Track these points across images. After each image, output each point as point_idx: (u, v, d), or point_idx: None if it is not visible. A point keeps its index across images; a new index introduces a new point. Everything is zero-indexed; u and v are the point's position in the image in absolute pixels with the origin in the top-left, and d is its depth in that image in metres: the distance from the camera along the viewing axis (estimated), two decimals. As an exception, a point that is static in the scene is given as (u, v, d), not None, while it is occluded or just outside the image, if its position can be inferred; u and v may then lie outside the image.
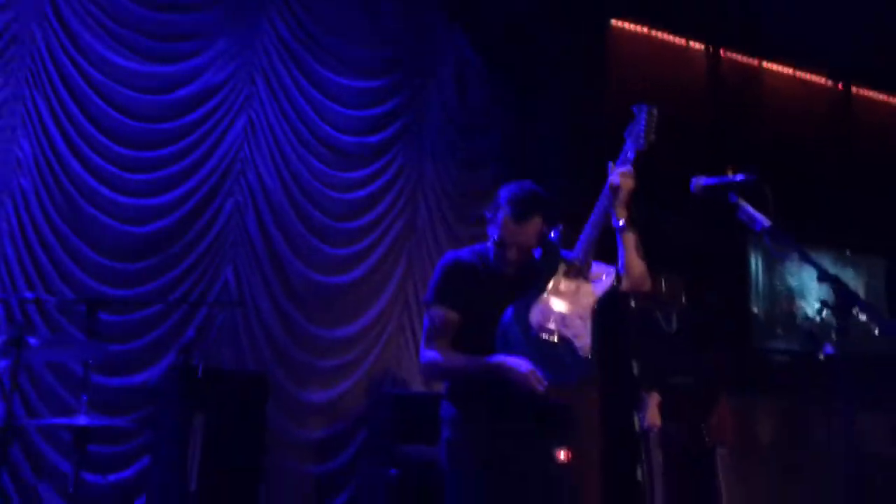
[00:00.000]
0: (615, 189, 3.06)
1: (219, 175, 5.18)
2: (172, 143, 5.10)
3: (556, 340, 2.86)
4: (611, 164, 3.17)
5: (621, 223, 3.05)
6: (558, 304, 2.91)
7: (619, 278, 3.01)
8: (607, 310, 3.02)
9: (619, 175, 3.09)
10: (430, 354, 2.92)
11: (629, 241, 3.05)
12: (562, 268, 2.96)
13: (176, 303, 4.86)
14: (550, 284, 2.94)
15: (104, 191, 4.90)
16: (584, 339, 2.87)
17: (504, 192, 2.95)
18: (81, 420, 3.32)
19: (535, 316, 2.88)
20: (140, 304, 4.81)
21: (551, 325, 2.87)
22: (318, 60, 5.53)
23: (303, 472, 5.11)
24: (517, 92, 6.19)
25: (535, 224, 2.92)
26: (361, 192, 5.60)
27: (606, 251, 3.08)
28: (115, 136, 4.96)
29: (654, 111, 3.26)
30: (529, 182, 3.00)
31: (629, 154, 3.18)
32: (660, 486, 4.55)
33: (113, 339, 4.66)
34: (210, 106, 5.20)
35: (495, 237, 2.92)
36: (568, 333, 2.86)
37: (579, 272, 2.96)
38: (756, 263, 6.24)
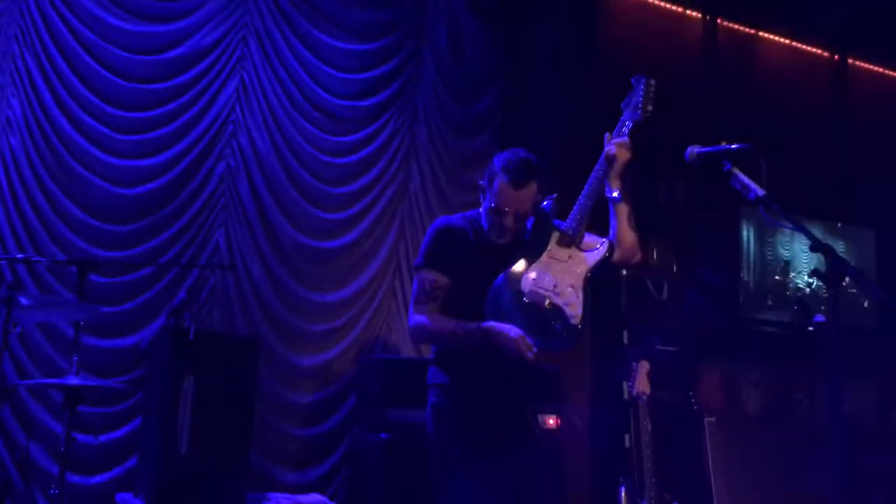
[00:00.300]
0: (611, 159, 3.08)
1: (210, 137, 5.14)
2: (163, 104, 5.05)
3: (547, 307, 2.87)
4: (607, 134, 3.16)
5: (615, 194, 3.07)
6: (550, 272, 2.91)
7: (611, 249, 3.02)
8: (599, 279, 3.03)
9: (616, 145, 3.10)
10: (419, 318, 2.93)
11: (622, 211, 3.07)
12: (555, 236, 2.97)
13: (167, 265, 4.85)
14: (543, 252, 2.95)
15: (95, 151, 4.86)
16: (575, 308, 2.87)
17: (498, 160, 2.95)
18: (72, 380, 3.32)
19: (526, 282, 2.89)
20: (131, 266, 4.79)
21: (543, 292, 2.88)
22: (311, 22, 5.47)
23: (293, 436, 5.14)
24: (512, 58, 6.14)
25: (531, 189, 2.93)
26: (354, 157, 5.56)
27: (598, 222, 3.09)
28: (106, 96, 4.91)
29: (653, 83, 3.28)
30: (522, 149, 2.99)
31: (626, 125, 3.17)
32: (648, 454, 4.59)
33: (104, 301, 4.65)
34: (202, 67, 5.14)
35: (492, 204, 2.91)
36: (559, 301, 2.87)
37: (572, 241, 2.97)
38: (748, 234, 6.25)
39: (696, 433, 5.09)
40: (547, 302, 2.87)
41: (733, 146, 2.82)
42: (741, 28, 7.05)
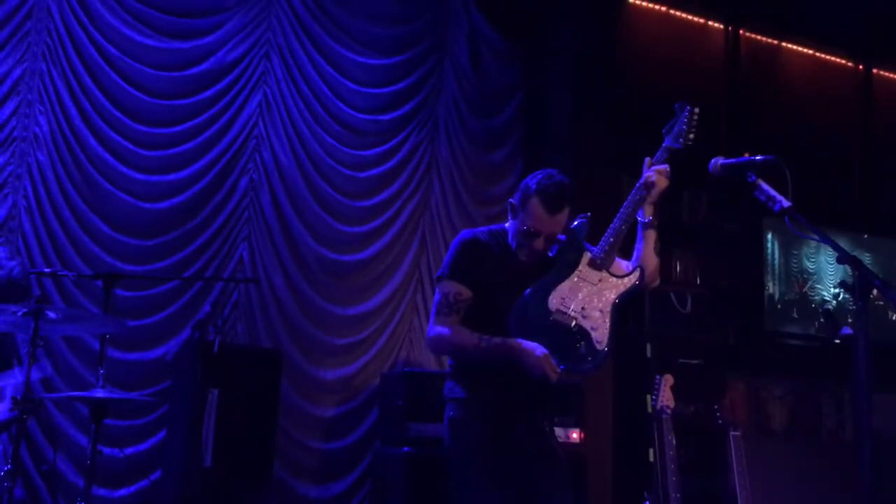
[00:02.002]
0: (650, 185, 3.05)
1: (234, 152, 5.19)
2: (188, 119, 5.10)
3: (573, 327, 2.86)
4: (647, 160, 3.13)
5: (648, 219, 3.04)
6: (580, 294, 2.90)
7: (643, 276, 2.99)
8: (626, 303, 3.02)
9: (656, 172, 3.07)
10: (440, 329, 2.92)
11: (650, 237, 3.07)
12: (586, 257, 2.96)
13: (191, 279, 4.89)
14: (573, 272, 2.94)
15: (120, 167, 4.92)
16: (601, 332, 2.86)
17: (532, 182, 2.94)
18: (98, 394, 3.35)
19: (554, 300, 2.88)
20: (156, 280, 4.84)
21: (570, 313, 2.87)
22: (333, 37, 5.51)
23: (315, 450, 5.14)
24: (533, 71, 6.15)
25: (565, 214, 2.94)
26: (376, 170, 5.59)
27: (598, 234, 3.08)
28: (132, 112, 4.97)
29: (696, 111, 3.23)
30: (556, 171, 2.99)
31: (666, 152, 3.14)
32: (672, 468, 4.55)
33: (129, 315, 4.69)
34: (225, 83, 5.19)
35: (525, 226, 2.91)
36: (586, 324, 2.86)
37: (603, 265, 2.95)
38: (772, 245, 6.20)
39: (720, 448, 5.03)
40: (574, 323, 2.85)
41: (758, 158, 2.80)
42: (764, 39, 7.02)
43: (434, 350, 3.04)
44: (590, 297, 2.89)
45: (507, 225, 3.04)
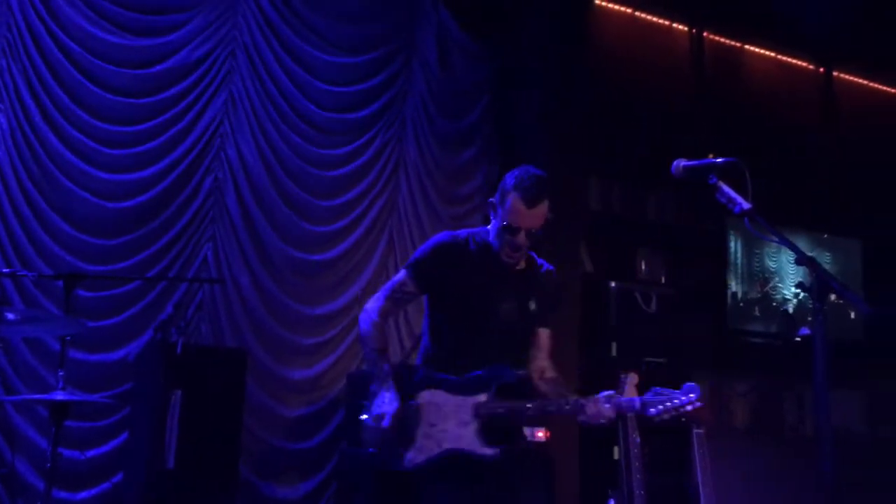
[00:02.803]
0: (594, 417, 2.84)
1: (198, 151, 5.14)
2: (151, 117, 5.04)
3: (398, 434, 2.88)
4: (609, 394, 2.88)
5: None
6: (449, 421, 2.88)
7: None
8: (589, 292, 3.03)
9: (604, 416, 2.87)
10: (373, 309, 3.02)
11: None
12: (479, 398, 2.88)
13: (154, 279, 4.83)
14: (463, 398, 2.89)
15: (82, 165, 4.85)
16: (420, 456, 2.86)
17: (510, 178, 2.95)
18: (59, 396, 3.29)
19: (431, 407, 2.89)
20: (118, 281, 4.77)
21: (427, 428, 2.88)
22: (299, 36, 5.48)
23: (282, 450, 5.11)
24: (501, 72, 6.16)
25: (543, 207, 2.94)
26: (343, 169, 5.56)
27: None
28: (94, 110, 4.90)
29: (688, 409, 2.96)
30: (532, 167, 2.99)
31: (636, 404, 2.89)
32: (637, 466, 4.59)
33: (91, 316, 4.62)
34: (190, 81, 5.14)
35: (505, 222, 2.91)
36: (419, 442, 2.87)
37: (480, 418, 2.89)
38: (735, 246, 6.28)
39: (684, 445, 5.08)
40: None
41: (719, 160, 2.83)
42: (727, 41, 7.12)
43: (360, 318, 3.10)
44: (444, 430, 2.88)
45: (489, 227, 3.04)
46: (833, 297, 2.51)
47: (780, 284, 6.82)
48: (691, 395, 2.97)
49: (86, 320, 4.49)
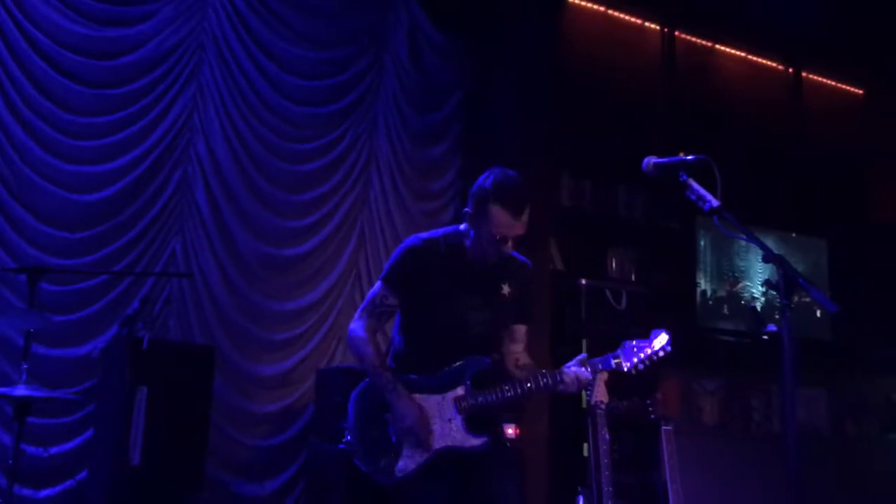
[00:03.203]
0: (573, 384, 2.96)
1: (167, 144, 5.07)
2: (119, 109, 4.97)
3: (393, 441, 2.88)
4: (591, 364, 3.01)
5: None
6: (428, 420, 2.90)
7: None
8: (559, 288, 3.04)
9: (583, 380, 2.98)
10: (358, 327, 3.01)
11: None
12: (456, 391, 2.92)
13: (121, 273, 4.76)
14: (439, 395, 2.91)
15: (47, 157, 4.76)
16: (410, 464, 2.85)
17: (489, 186, 2.88)
18: (21, 391, 3.24)
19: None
20: (84, 275, 4.70)
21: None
22: (270, 29, 5.43)
23: (251, 447, 5.07)
24: (473, 68, 6.15)
25: (528, 212, 2.92)
26: (314, 164, 5.53)
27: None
28: (60, 101, 4.82)
29: (668, 350, 3.11)
30: (506, 170, 2.95)
31: (610, 361, 3.05)
32: (606, 462, 4.61)
33: (55, 310, 4.55)
34: (158, 73, 5.07)
35: (491, 233, 2.87)
36: (407, 448, 2.88)
37: (464, 410, 2.91)
38: (704, 244, 6.32)
39: (653, 442, 5.11)
40: (395, 439, 2.87)
41: (689, 158, 2.84)
42: (699, 41, 7.16)
43: (348, 343, 3.10)
44: (429, 431, 2.89)
45: (461, 227, 3.01)
46: (798, 296, 2.53)
47: (748, 283, 6.89)
48: (662, 341, 3.02)
49: (50, 315, 4.43)
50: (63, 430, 4.58)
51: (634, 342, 3.09)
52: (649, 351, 3.05)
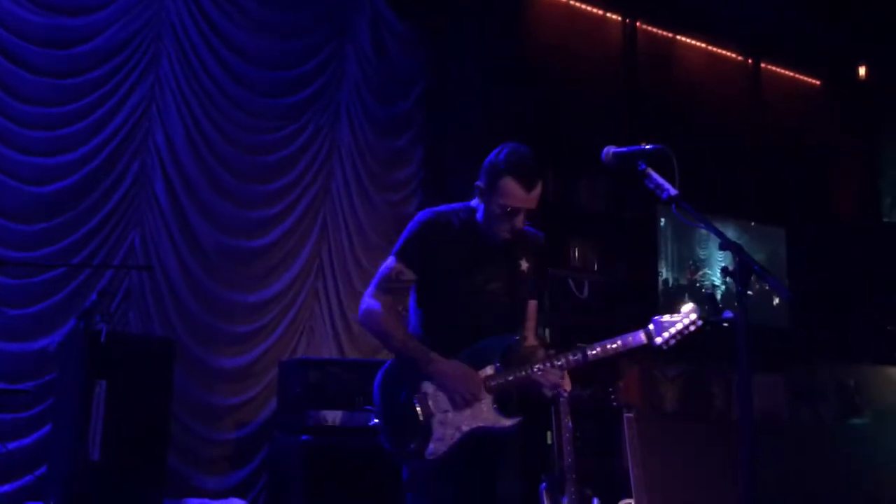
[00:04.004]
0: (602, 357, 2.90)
1: (124, 134, 5.00)
2: (75, 99, 4.89)
3: (421, 421, 2.77)
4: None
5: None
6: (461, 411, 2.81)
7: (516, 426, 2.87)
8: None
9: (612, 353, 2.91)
10: (374, 304, 2.85)
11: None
12: (484, 372, 2.81)
13: (79, 266, 4.69)
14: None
15: (2, 148, 4.67)
16: (440, 447, 2.74)
17: (500, 161, 2.84)
18: (-26, 386, 3.19)
19: (430, 387, 2.79)
20: (40, 268, 4.62)
21: (431, 408, 2.78)
22: (229, 18, 5.37)
23: (213, 440, 5.04)
24: (436, 58, 6.15)
25: (540, 186, 2.87)
26: (275, 155, 5.49)
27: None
28: (15, 91, 4.73)
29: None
30: (516, 144, 2.90)
31: (641, 337, 2.97)
32: (569, 450, 4.65)
33: (11, 304, 4.48)
34: (115, 63, 5.00)
35: (504, 207, 2.80)
36: (435, 429, 2.76)
37: (491, 390, 2.81)
38: (665, 233, 6.39)
39: (615, 429, 5.18)
40: (423, 419, 2.76)
41: (647, 147, 2.86)
42: (660, 32, 7.21)
43: (363, 323, 2.92)
44: (459, 410, 2.80)
45: (472, 203, 2.94)
46: (758, 284, 2.57)
47: (709, 271, 6.97)
48: (692, 316, 3.02)
49: (6, 308, 4.36)
50: (21, 424, 4.52)
51: (664, 318, 3.07)
52: (681, 325, 3.04)
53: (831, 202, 8.12)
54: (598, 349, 2.92)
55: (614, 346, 2.94)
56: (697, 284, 6.88)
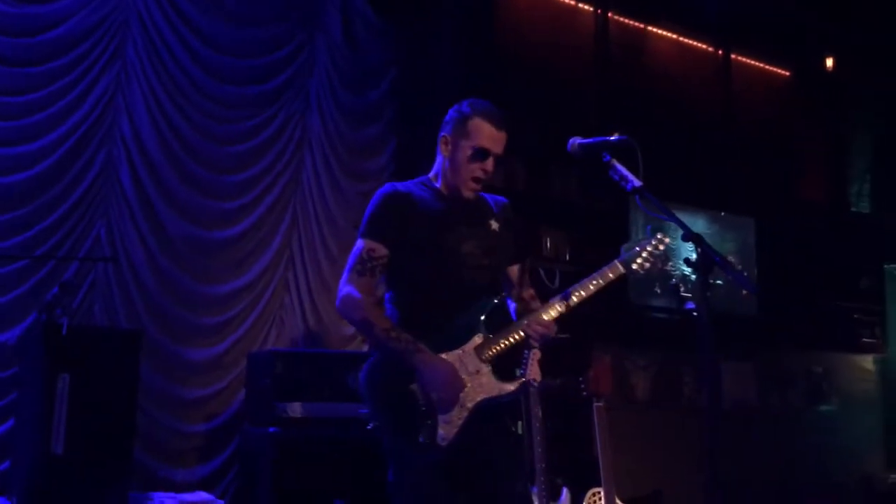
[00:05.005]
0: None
1: (90, 124, 4.92)
2: (39, 88, 4.80)
3: (422, 405, 2.68)
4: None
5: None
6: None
7: (523, 389, 2.86)
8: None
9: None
10: (352, 290, 2.73)
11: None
12: (475, 340, 2.76)
13: (42, 258, 4.62)
14: (458, 348, 2.73)
15: (-38, 137, 4.60)
16: (450, 429, 2.65)
17: (465, 108, 2.85)
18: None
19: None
20: (3, 259, 4.55)
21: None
22: (197, 6, 5.29)
23: (181, 433, 4.99)
24: (408, 47, 6.11)
25: (505, 134, 2.87)
26: (244, 145, 5.43)
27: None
28: (-25, 79, 4.65)
29: (665, 241, 3.02)
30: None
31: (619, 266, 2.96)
32: (539, 440, 4.66)
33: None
34: (80, 51, 4.91)
35: (475, 147, 2.79)
36: (441, 412, 2.67)
37: (487, 358, 2.76)
38: (636, 223, 6.41)
39: (586, 418, 5.19)
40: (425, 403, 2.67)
41: (612, 138, 2.87)
42: (631, 22, 7.22)
43: (342, 313, 2.78)
44: (441, 413, 2.69)
45: (430, 175, 2.92)
46: (730, 271, 2.58)
47: (679, 261, 7.02)
48: (658, 235, 3.04)
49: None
50: (-17, 420, 4.46)
51: (631, 244, 3.05)
52: (650, 247, 3.05)
53: (800, 192, 8.20)
54: (580, 289, 2.92)
55: (593, 282, 2.96)
56: (668, 274, 6.91)
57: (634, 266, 2.98)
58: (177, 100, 5.19)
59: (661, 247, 3.01)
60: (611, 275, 2.97)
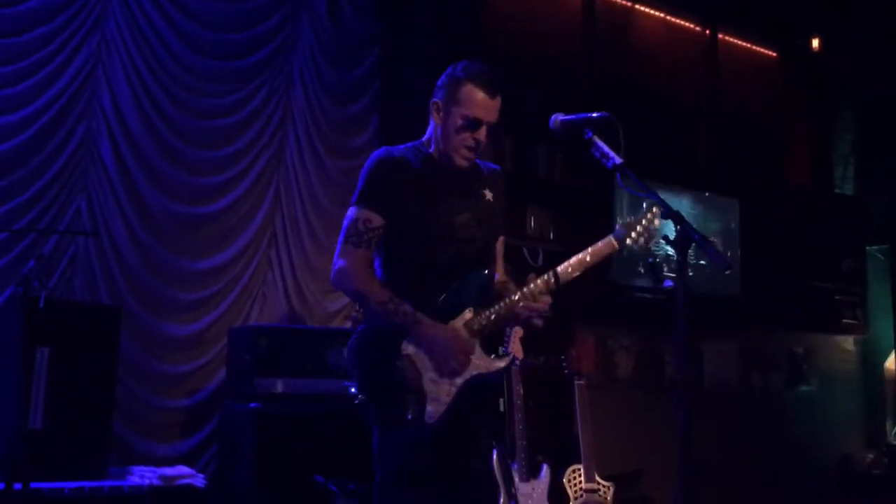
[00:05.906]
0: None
1: (69, 96, 4.85)
2: (16, 60, 4.72)
3: (411, 385, 2.63)
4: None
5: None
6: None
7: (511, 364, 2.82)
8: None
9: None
10: (346, 262, 2.67)
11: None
12: (464, 315, 2.71)
13: (21, 231, 4.57)
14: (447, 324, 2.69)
15: (-62, 109, 4.53)
16: (437, 407, 2.62)
17: (459, 73, 2.77)
18: None
19: (411, 345, 2.66)
20: (-21, 233, 4.51)
21: (419, 367, 2.66)
22: (178, -23, 5.23)
23: (162, 408, 4.98)
24: (393, 24, 6.06)
25: (499, 101, 2.81)
26: (226, 120, 5.38)
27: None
28: (-49, 51, 4.58)
29: (657, 212, 2.98)
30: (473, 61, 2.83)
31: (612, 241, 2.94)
32: (520, 417, 4.69)
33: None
34: (59, 22, 4.83)
35: (467, 117, 2.73)
36: (430, 390, 2.63)
37: (475, 335, 2.72)
38: (620, 202, 6.40)
39: (568, 396, 5.22)
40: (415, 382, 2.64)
41: (594, 115, 2.86)
42: (618, 1, 7.18)
43: (338, 286, 2.70)
44: (446, 377, 2.67)
45: (423, 139, 2.85)
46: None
47: (662, 241, 7.03)
48: (654, 209, 3.00)
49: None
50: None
51: (627, 219, 3.02)
52: (645, 221, 3.03)
53: (784, 173, 8.22)
54: (570, 266, 2.88)
55: (586, 258, 2.91)
56: (652, 253, 6.93)
57: (629, 241, 2.97)
58: (158, 74, 5.14)
59: (656, 221, 3.00)
60: (605, 250, 2.94)
